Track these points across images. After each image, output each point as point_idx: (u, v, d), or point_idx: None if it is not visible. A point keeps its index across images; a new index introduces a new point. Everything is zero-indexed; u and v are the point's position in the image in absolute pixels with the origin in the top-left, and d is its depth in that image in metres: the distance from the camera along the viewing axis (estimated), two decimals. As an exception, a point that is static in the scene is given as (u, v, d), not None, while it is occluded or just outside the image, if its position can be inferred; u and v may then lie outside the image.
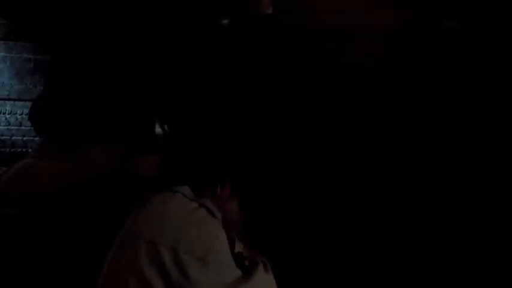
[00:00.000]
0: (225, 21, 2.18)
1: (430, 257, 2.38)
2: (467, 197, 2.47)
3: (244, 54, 2.57)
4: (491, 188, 2.45)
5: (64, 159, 0.71)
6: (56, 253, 0.65)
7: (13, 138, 2.78)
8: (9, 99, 2.71)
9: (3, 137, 2.74)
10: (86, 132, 0.72)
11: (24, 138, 2.69)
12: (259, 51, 2.58)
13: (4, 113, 2.77)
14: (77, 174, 0.70)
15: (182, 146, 2.50)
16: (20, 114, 2.66)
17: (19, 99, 2.69)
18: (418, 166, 2.57)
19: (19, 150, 2.66)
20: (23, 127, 2.71)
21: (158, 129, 0.78)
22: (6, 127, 2.70)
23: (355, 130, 2.68)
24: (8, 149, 2.70)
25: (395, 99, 2.63)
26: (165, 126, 0.79)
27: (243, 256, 0.74)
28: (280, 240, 2.66)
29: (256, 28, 2.20)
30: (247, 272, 0.73)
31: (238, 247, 0.74)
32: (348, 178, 2.66)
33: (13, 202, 0.67)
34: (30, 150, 2.72)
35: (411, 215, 2.53)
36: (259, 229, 2.23)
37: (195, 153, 2.53)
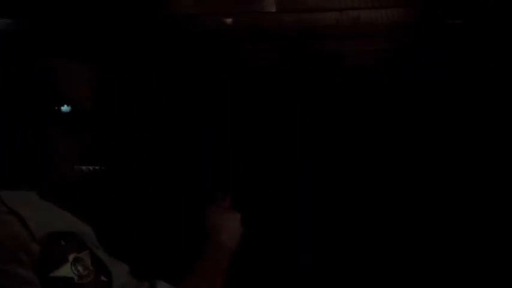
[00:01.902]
0: (228, 20, 2.17)
1: (430, 257, 2.38)
2: (467, 197, 2.47)
3: (245, 53, 2.57)
4: (491, 188, 2.45)
5: None
6: None
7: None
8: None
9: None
10: None
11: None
12: (260, 51, 2.58)
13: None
14: None
15: (182, 146, 2.51)
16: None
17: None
18: (418, 166, 2.56)
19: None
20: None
21: None
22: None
23: (355, 130, 2.67)
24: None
25: (395, 99, 2.62)
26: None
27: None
28: (280, 240, 2.66)
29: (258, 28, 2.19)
30: None
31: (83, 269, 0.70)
32: (347, 178, 2.65)
33: None
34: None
35: (411, 215, 2.53)
36: (260, 229, 2.23)
37: (194, 153, 2.54)
